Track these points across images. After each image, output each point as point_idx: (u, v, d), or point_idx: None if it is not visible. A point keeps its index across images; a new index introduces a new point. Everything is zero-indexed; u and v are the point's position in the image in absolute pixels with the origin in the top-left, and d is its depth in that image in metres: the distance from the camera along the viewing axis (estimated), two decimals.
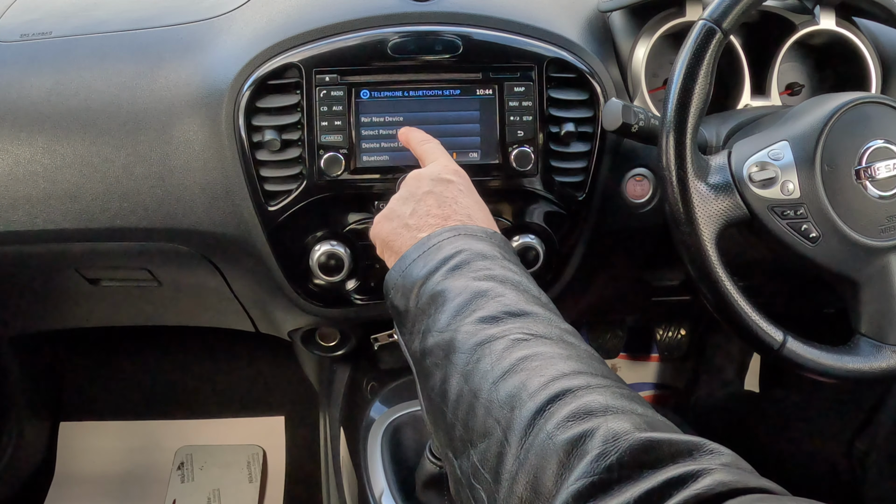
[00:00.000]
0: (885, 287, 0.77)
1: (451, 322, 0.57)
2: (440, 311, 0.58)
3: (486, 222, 0.70)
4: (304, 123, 0.87)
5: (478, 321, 0.56)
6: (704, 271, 0.76)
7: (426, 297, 0.60)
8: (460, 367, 0.54)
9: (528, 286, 0.61)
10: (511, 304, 0.57)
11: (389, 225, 0.71)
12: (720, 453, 0.44)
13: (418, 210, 0.69)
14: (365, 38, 0.88)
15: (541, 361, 0.51)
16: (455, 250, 0.62)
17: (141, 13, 0.99)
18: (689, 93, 0.75)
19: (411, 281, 0.62)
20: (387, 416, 1.03)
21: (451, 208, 0.69)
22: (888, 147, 0.77)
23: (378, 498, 0.93)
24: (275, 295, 0.97)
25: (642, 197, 0.94)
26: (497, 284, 0.59)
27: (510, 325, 0.55)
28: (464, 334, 0.55)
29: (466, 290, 0.58)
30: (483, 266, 0.61)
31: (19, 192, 0.91)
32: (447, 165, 0.76)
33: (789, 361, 0.76)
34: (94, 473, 1.59)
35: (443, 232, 0.65)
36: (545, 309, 0.59)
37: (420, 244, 0.65)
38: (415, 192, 0.72)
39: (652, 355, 1.75)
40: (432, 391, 0.57)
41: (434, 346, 0.57)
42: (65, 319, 1.27)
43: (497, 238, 0.66)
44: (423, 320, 0.60)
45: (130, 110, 0.90)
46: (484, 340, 0.54)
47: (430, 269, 0.61)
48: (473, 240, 0.64)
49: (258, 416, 1.63)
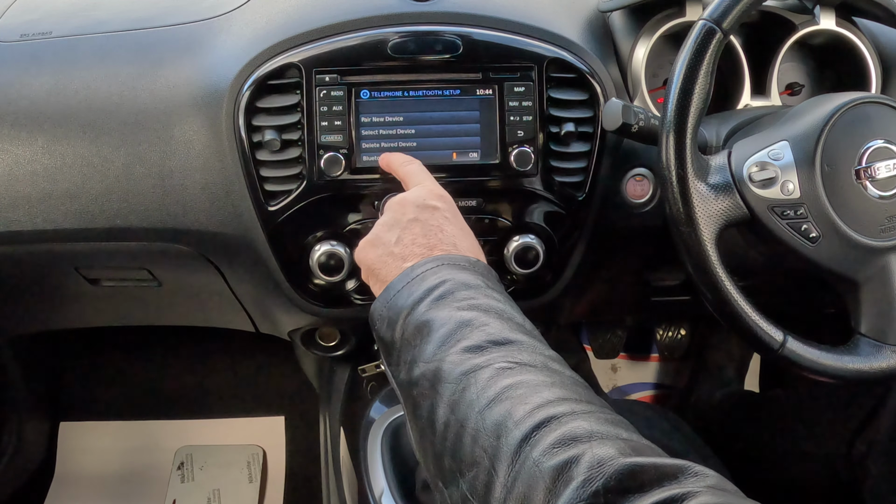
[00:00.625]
0: (885, 287, 0.77)
1: (437, 352, 0.57)
2: (426, 342, 0.59)
3: (471, 250, 0.70)
4: (304, 123, 0.87)
5: (463, 351, 0.56)
6: (704, 271, 0.76)
7: (412, 328, 0.61)
8: (447, 397, 0.55)
9: (511, 314, 0.61)
10: (495, 333, 0.58)
11: (375, 252, 0.71)
12: (705, 475, 0.44)
13: (403, 238, 0.70)
14: (365, 38, 0.88)
15: (525, 389, 0.52)
16: (439, 280, 0.63)
17: (141, 13, 0.99)
18: (689, 93, 0.75)
19: (396, 312, 0.63)
20: (387, 416, 1.03)
21: (437, 237, 0.69)
22: (888, 147, 0.77)
23: (378, 498, 0.93)
24: (275, 295, 0.97)
25: (642, 197, 0.94)
26: (481, 314, 0.60)
27: (494, 353, 0.56)
28: (449, 364, 0.56)
29: (451, 320, 0.59)
30: (467, 296, 0.61)
31: (19, 192, 0.91)
32: (432, 190, 0.76)
33: (789, 361, 0.76)
34: (94, 473, 1.59)
35: (426, 262, 0.65)
36: (529, 336, 0.59)
37: (405, 274, 0.65)
38: (399, 218, 0.72)
39: (652, 355, 1.75)
40: (420, 420, 0.57)
41: (420, 377, 0.58)
42: (65, 319, 1.27)
43: (481, 267, 0.67)
44: (409, 351, 0.60)
45: (130, 110, 0.90)
46: (469, 370, 0.55)
47: (415, 299, 0.62)
48: (457, 269, 0.64)
49: (258, 416, 1.63)
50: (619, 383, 1.73)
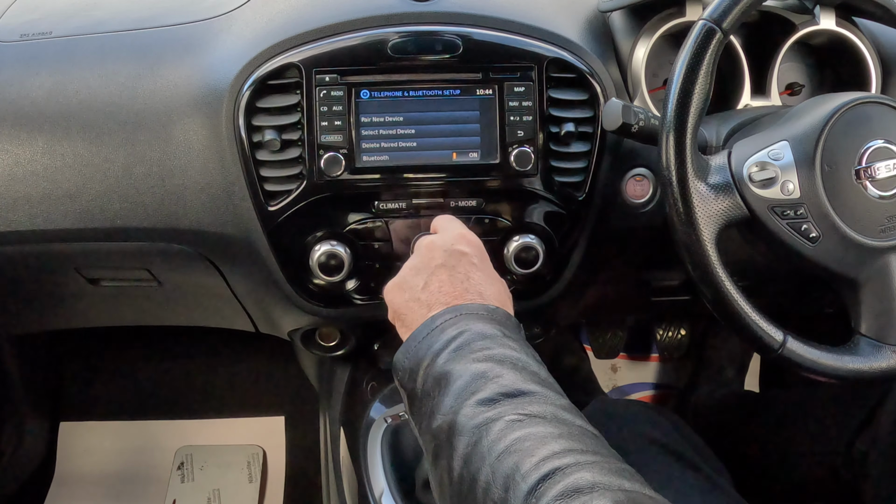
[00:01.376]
0: (885, 287, 0.77)
1: (454, 405, 0.60)
2: (444, 394, 0.61)
3: (497, 298, 0.71)
4: (304, 123, 0.87)
5: (476, 404, 0.59)
6: (704, 271, 0.76)
7: (431, 380, 0.63)
8: (461, 450, 0.57)
9: (526, 363, 0.63)
10: (508, 385, 0.60)
11: (402, 296, 0.73)
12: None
13: (430, 284, 0.71)
14: (365, 38, 0.88)
15: (533, 442, 0.54)
16: (457, 332, 0.65)
17: (141, 13, 0.99)
18: (689, 93, 0.75)
19: (417, 363, 0.65)
20: (387, 415, 1.03)
21: (463, 286, 0.71)
22: (888, 147, 0.77)
23: (378, 498, 0.93)
24: (275, 295, 0.97)
25: (642, 197, 0.94)
26: (495, 365, 0.61)
27: (506, 406, 0.58)
28: (463, 417, 0.58)
29: (467, 373, 0.61)
30: (483, 346, 0.63)
31: (19, 192, 0.91)
32: (462, 234, 0.78)
33: (789, 361, 0.76)
34: (94, 473, 1.59)
35: (447, 312, 0.67)
36: (542, 386, 0.61)
37: (426, 325, 0.67)
38: (428, 263, 0.73)
39: (652, 355, 1.75)
40: (439, 470, 0.60)
41: (438, 430, 0.60)
42: (65, 319, 1.27)
43: (500, 315, 0.68)
44: (429, 402, 0.63)
45: (130, 110, 0.90)
46: (481, 423, 0.57)
47: (435, 351, 0.64)
48: (475, 320, 0.66)
49: (258, 416, 1.63)
50: (619, 383, 1.73)
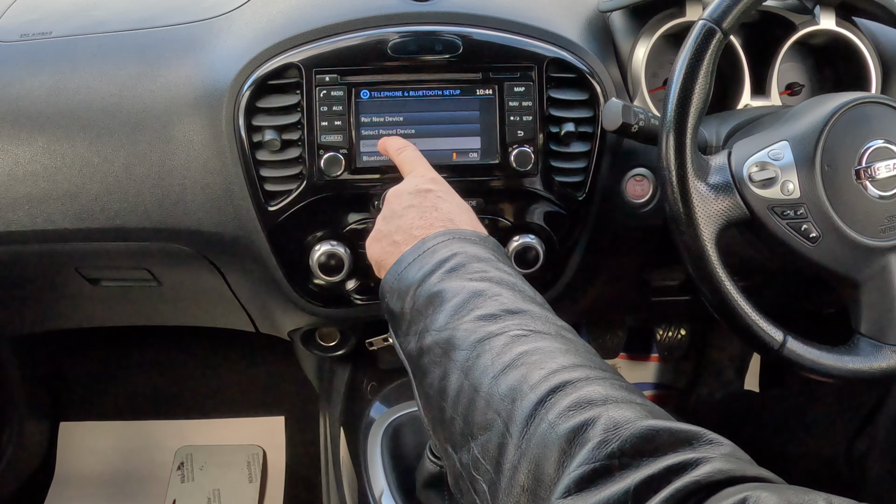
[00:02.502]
0: (885, 287, 0.77)
1: (450, 321, 0.58)
2: (438, 311, 0.59)
3: (469, 224, 0.71)
4: (304, 123, 0.87)
5: (477, 319, 0.57)
6: (704, 271, 0.76)
7: (423, 299, 0.61)
8: (460, 363, 0.55)
9: (522, 287, 0.62)
10: (508, 303, 0.58)
11: (379, 245, 0.72)
12: (720, 443, 0.45)
13: (402, 226, 0.70)
14: (365, 38, 0.88)
15: (540, 356, 0.52)
16: (450, 253, 0.63)
17: (141, 13, 0.99)
18: (689, 93, 0.75)
19: (407, 284, 0.63)
20: (387, 416, 1.03)
21: (433, 216, 0.70)
22: (888, 147, 0.77)
23: (378, 498, 0.93)
24: (275, 295, 0.97)
25: (642, 197, 0.94)
26: (493, 285, 0.60)
27: (509, 322, 0.56)
28: (463, 332, 0.56)
29: (464, 291, 0.59)
30: (479, 268, 0.62)
31: (19, 192, 0.91)
32: (424, 175, 0.77)
33: (789, 361, 0.76)
34: (94, 473, 1.59)
35: (437, 235, 0.66)
36: (541, 308, 0.60)
37: (415, 248, 0.66)
38: (396, 209, 0.73)
39: (652, 355, 1.74)
40: (430, 388, 0.57)
41: (432, 344, 0.58)
42: (65, 319, 1.27)
43: (490, 242, 0.67)
44: (420, 321, 0.60)
45: (130, 110, 0.90)
46: (483, 337, 0.55)
47: (426, 271, 0.63)
48: (467, 243, 0.65)
49: (258, 416, 1.63)
50: None
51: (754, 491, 0.40)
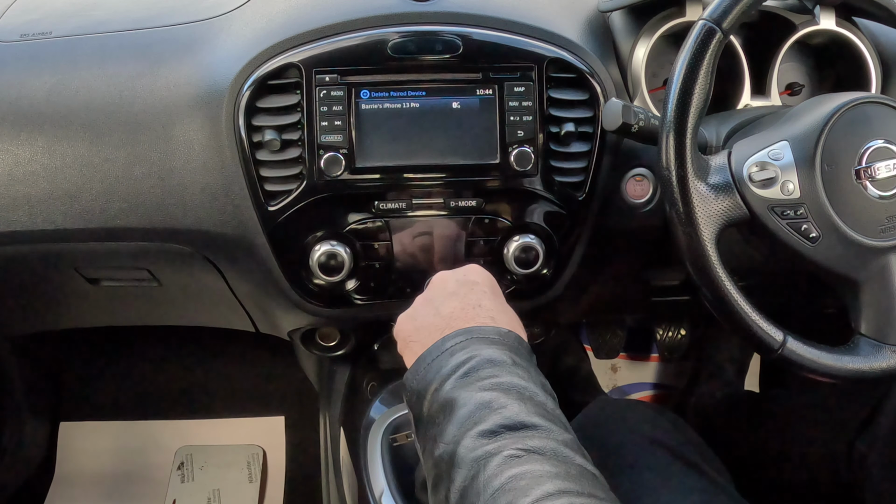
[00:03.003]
0: (885, 287, 0.77)
1: (456, 434, 0.60)
2: (448, 422, 0.61)
3: (508, 325, 0.71)
4: (304, 123, 0.87)
5: (478, 435, 0.59)
6: (704, 271, 0.76)
7: (437, 405, 0.63)
8: (458, 483, 0.57)
9: (533, 392, 0.63)
10: (511, 417, 0.60)
11: (412, 325, 0.73)
12: None
13: (441, 311, 0.71)
14: (365, 38, 0.88)
15: (528, 481, 0.54)
16: (466, 357, 0.64)
17: (141, 13, 0.99)
18: (689, 93, 0.75)
19: (425, 386, 0.65)
20: (387, 416, 1.03)
21: (475, 311, 0.70)
22: (888, 147, 0.77)
23: (378, 498, 0.94)
24: (275, 295, 0.97)
25: (642, 197, 0.94)
26: (501, 394, 0.61)
27: (507, 440, 0.58)
28: (464, 448, 0.58)
29: (472, 401, 0.61)
30: (490, 373, 0.63)
31: (19, 192, 0.91)
32: (473, 268, 0.78)
33: (789, 361, 0.76)
34: (94, 473, 1.59)
35: (457, 335, 0.67)
36: (545, 419, 0.61)
37: (435, 347, 0.67)
38: (440, 292, 0.74)
39: (652, 355, 1.75)
40: (438, 497, 0.60)
41: (439, 459, 0.60)
42: (65, 319, 1.27)
43: (511, 339, 0.68)
44: (433, 428, 0.63)
45: (130, 110, 0.90)
46: (480, 457, 0.57)
47: (444, 375, 0.64)
48: (485, 344, 0.66)
49: (258, 416, 1.63)
50: (619, 383, 1.73)
51: None
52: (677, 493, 0.82)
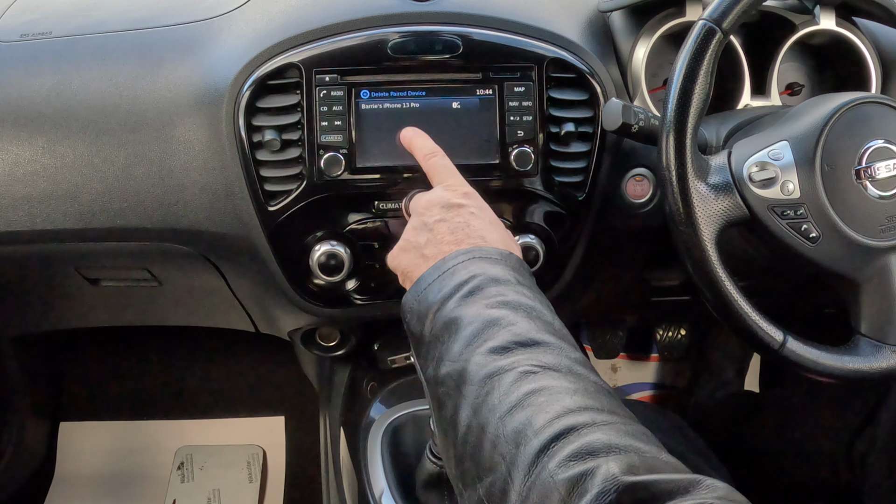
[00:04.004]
0: (885, 287, 0.77)
1: (464, 351, 0.58)
2: (453, 340, 0.59)
3: (501, 242, 0.70)
4: (304, 123, 0.87)
5: (488, 352, 0.57)
6: (704, 271, 0.76)
7: (440, 324, 0.61)
8: (470, 399, 0.55)
9: (541, 312, 0.61)
10: (522, 333, 0.58)
11: (407, 256, 0.72)
12: (715, 487, 0.45)
13: (433, 240, 0.70)
14: (365, 38, 0.88)
15: (547, 396, 0.53)
16: (469, 275, 0.63)
17: (141, 13, 0.99)
18: (689, 93, 0.75)
19: (426, 306, 0.64)
20: (387, 416, 1.03)
21: (464, 232, 0.70)
22: (888, 147, 0.77)
23: (378, 498, 0.93)
24: (275, 295, 0.97)
25: (642, 197, 0.94)
26: (510, 312, 0.60)
27: (520, 356, 0.56)
28: (474, 365, 0.57)
29: (479, 319, 0.59)
30: (497, 292, 0.61)
31: (19, 192, 0.91)
32: (456, 188, 0.76)
33: (789, 361, 0.76)
34: (94, 473, 1.59)
35: (458, 255, 0.66)
36: (556, 337, 0.59)
37: (436, 268, 0.66)
38: (427, 221, 0.73)
39: (652, 355, 1.75)
40: (444, 421, 0.58)
41: (446, 376, 0.58)
42: (65, 319, 1.27)
43: (512, 260, 0.67)
44: (437, 347, 0.61)
45: (130, 110, 0.90)
46: (493, 373, 0.55)
47: (445, 294, 0.63)
48: (488, 263, 0.65)
49: (258, 416, 1.63)
50: (619, 383, 1.73)
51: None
52: None
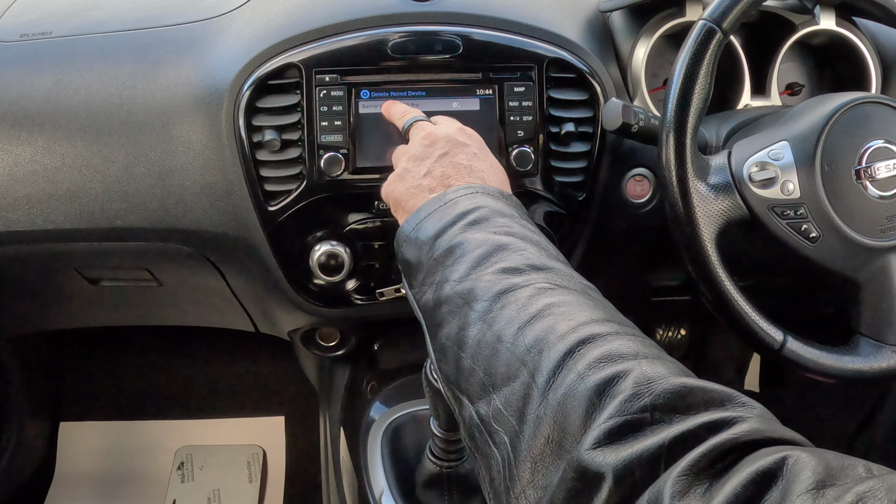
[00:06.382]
0: (885, 287, 0.77)
1: (471, 272, 0.56)
2: (458, 262, 0.57)
3: (501, 185, 0.69)
4: (304, 123, 0.87)
5: (500, 272, 0.55)
6: (704, 271, 0.76)
7: (442, 250, 0.59)
8: (481, 313, 0.53)
9: (546, 245, 0.60)
10: (533, 258, 0.56)
11: (403, 185, 0.69)
12: (752, 406, 0.44)
13: (433, 171, 0.68)
14: (365, 38, 0.88)
15: (568, 308, 0.51)
16: (473, 206, 0.61)
17: (141, 13, 0.99)
18: (689, 93, 0.75)
19: (426, 234, 0.61)
20: (387, 416, 1.03)
21: (467, 171, 0.68)
22: (888, 147, 0.77)
23: (378, 498, 0.93)
24: (275, 295, 0.97)
25: (642, 197, 0.94)
26: (517, 240, 0.58)
27: (534, 276, 0.54)
28: (485, 283, 0.55)
29: (487, 243, 0.57)
30: (503, 223, 0.60)
31: (19, 192, 0.91)
32: (461, 128, 0.75)
33: (789, 361, 0.76)
34: (93, 473, 1.59)
35: (460, 188, 0.64)
36: (566, 266, 0.58)
37: (436, 199, 0.64)
38: (430, 152, 0.70)
39: None
40: (447, 339, 0.55)
41: (451, 295, 0.56)
42: (65, 319, 1.27)
43: (514, 200, 0.65)
44: (438, 271, 0.58)
45: (131, 110, 0.90)
46: (508, 288, 0.53)
47: (447, 223, 0.60)
48: (491, 198, 0.63)
49: (258, 416, 1.63)
50: None
51: (793, 451, 0.39)
52: None
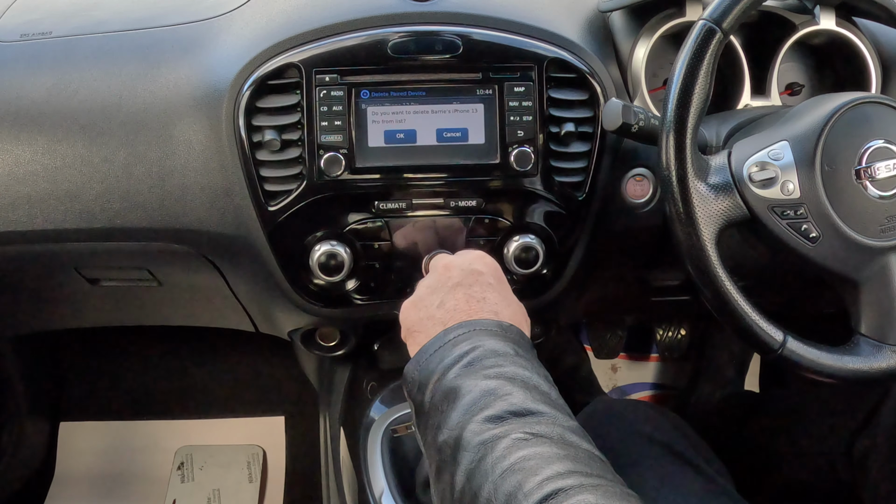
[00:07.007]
0: (885, 287, 0.77)
1: (461, 420, 0.60)
2: (452, 409, 0.61)
3: (512, 319, 0.71)
4: (304, 123, 0.87)
5: (484, 420, 0.59)
6: (704, 271, 0.76)
7: (440, 394, 0.63)
8: (465, 465, 0.58)
9: (537, 382, 0.63)
10: (517, 403, 0.60)
11: (416, 314, 0.73)
12: None
13: (446, 303, 0.71)
14: (365, 38, 0.88)
15: (538, 461, 0.55)
16: (470, 347, 0.65)
17: (141, 13, 0.99)
18: (689, 93, 0.75)
19: (427, 376, 0.66)
20: (387, 415, 1.03)
21: (479, 304, 0.71)
22: (888, 147, 0.77)
23: (378, 498, 0.94)
24: (275, 295, 0.97)
25: (642, 197, 0.94)
26: (506, 382, 0.62)
27: (513, 424, 0.58)
28: (470, 433, 0.59)
29: (476, 389, 0.61)
30: (494, 363, 0.63)
31: (19, 192, 0.91)
32: (479, 256, 0.78)
33: (789, 361, 0.76)
34: (94, 473, 1.59)
35: (459, 327, 0.67)
36: (551, 407, 0.61)
37: (438, 338, 0.68)
38: (444, 282, 0.74)
39: (652, 355, 1.75)
40: (442, 484, 0.60)
41: (444, 444, 0.61)
42: (65, 319, 1.27)
43: (513, 333, 0.68)
44: (437, 416, 0.63)
45: (130, 110, 0.90)
46: (487, 440, 0.58)
47: (446, 365, 0.64)
48: (488, 336, 0.66)
49: (258, 416, 1.63)
50: (619, 383, 1.73)
51: None
52: (677, 493, 0.83)
